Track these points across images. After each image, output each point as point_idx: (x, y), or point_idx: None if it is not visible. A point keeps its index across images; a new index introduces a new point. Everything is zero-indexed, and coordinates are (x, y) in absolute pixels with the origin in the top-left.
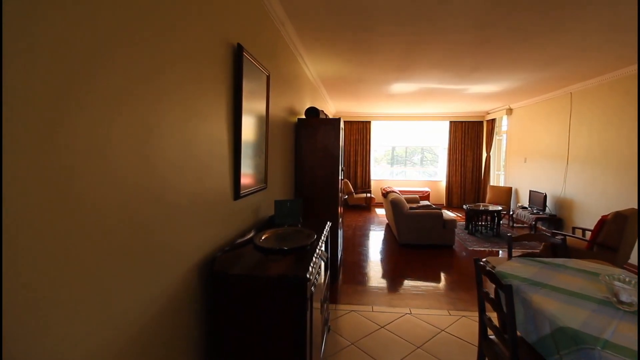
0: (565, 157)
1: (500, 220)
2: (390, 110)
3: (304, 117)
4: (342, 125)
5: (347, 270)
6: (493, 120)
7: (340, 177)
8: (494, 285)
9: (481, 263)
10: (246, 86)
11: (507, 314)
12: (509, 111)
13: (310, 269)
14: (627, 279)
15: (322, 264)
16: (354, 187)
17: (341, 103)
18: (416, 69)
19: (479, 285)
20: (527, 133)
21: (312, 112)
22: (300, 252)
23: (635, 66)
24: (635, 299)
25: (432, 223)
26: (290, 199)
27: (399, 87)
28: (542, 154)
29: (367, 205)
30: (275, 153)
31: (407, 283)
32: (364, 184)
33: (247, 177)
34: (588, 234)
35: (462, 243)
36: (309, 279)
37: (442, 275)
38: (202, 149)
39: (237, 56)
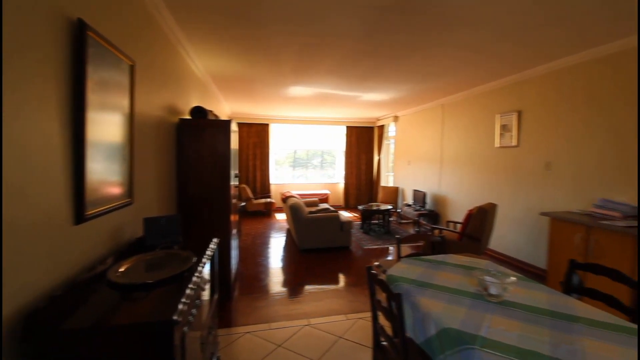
0: (439, 159)
1: (390, 217)
2: (290, 113)
3: (189, 117)
4: (234, 127)
5: (245, 284)
6: (382, 126)
7: (233, 184)
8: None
9: (373, 272)
10: (94, 75)
11: (396, 320)
12: (396, 118)
13: (180, 306)
14: (495, 273)
15: (207, 289)
16: (254, 192)
17: (237, 104)
18: (313, 73)
19: (371, 295)
20: (410, 139)
21: (199, 112)
22: (173, 282)
23: (489, 83)
24: (502, 292)
25: (330, 226)
26: (167, 214)
27: (297, 90)
28: (422, 157)
29: (268, 211)
30: (147, 159)
31: (307, 290)
32: (264, 189)
33: (99, 190)
34: (459, 226)
35: (358, 243)
36: (177, 322)
37: (341, 278)
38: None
39: (78, 35)
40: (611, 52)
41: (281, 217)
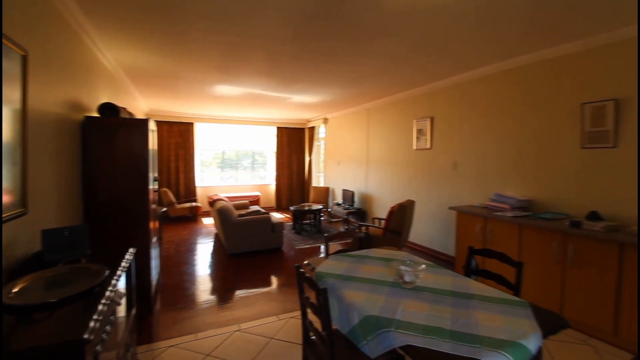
0: (366, 160)
1: (321, 217)
2: (218, 112)
3: (97, 115)
4: (152, 126)
5: (168, 295)
6: (313, 128)
7: (152, 188)
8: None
9: (301, 270)
10: None
11: (323, 315)
12: (325, 120)
13: (92, 324)
14: (409, 263)
15: (123, 303)
16: (177, 196)
17: (156, 101)
18: (240, 73)
19: (300, 292)
20: (339, 140)
21: (109, 109)
22: (82, 299)
23: (407, 91)
24: (415, 279)
25: (261, 228)
26: (72, 225)
27: (224, 89)
28: (350, 158)
29: (194, 216)
30: (44, 162)
31: (238, 295)
32: (189, 192)
33: None
34: (383, 222)
35: (290, 243)
36: (88, 341)
37: (272, 279)
38: None
39: None
40: (511, 67)
41: (209, 221)
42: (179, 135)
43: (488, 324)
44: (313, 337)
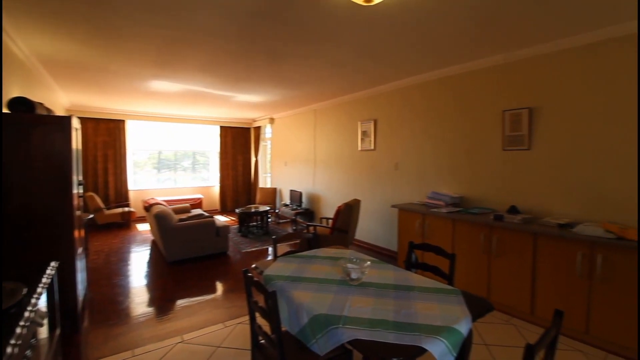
0: (313, 160)
1: (269, 218)
2: (154, 110)
3: (6, 111)
4: (76, 124)
5: (98, 310)
6: (259, 128)
7: (76, 192)
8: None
9: (249, 274)
10: None
11: (272, 317)
12: (272, 120)
13: (9, 350)
14: (355, 260)
15: (45, 324)
16: (106, 201)
17: (80, 95)
18: (179, 69)
19: (248, 297)
20: (286, 140)
21: (22, 104)
22: None
23: (352, 94)
24: (361, 275)
25: (205, 232)
26: None
27: (161, 85)
28: (298, 158)
29: (126, 222)
30: None
31: (180, 304)
32: (120, 197)
33: None
34: (330, 222)
35: (236, 247)
36: None
37: (218, 285)
38: None
39: None
40: (445, 75)
41: (144, 227)
42: (107, 134)
43: (426, 312)
44: (262, 341)
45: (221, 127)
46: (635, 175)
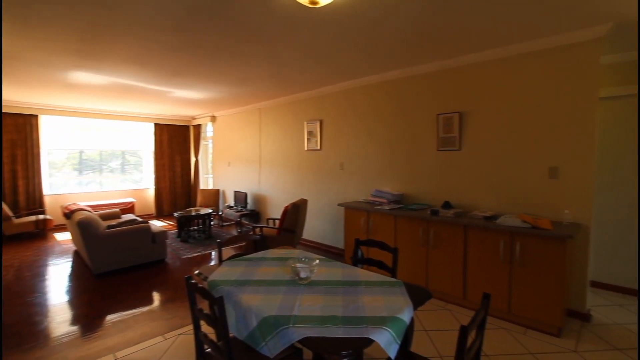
0: (258, 160)
1: (211, 221)
2: (75, 104)
3: None
4: None
5: (9, 335)
6: (199, 126)
7: None
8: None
9: (192, 281)
10: None
11: (219, 324)
12: (213, 118)
13: None
14: (304, 259)
15: None
16: (14, 208)
17: None
18: (106, 60)
19: (192, 305)
20: (229, 140)
21: None
22: None
23: (298, 94)
24: (310, 274)
25: (138, 240)
26: None
27: (84, 76)
28: (242, 158)
29: (41, 231)
30: None
31: (111, 320)
32: (34, 202)
33: None
34: (277, 222)
35: (176, 253)
36: None
37: (155, 296)
38: None
39: None
40: (386, 79)
41: (64, 237)
42: (15, 131)
43: (373, 305)
44: (208, 350)
45: (156, 124)
46: (543, 175)
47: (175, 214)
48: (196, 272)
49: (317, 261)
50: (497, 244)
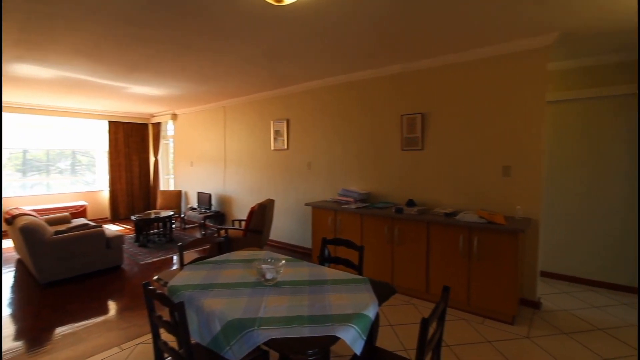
0: (223, 160)
1: (173, 224)
2: (16, 99)
3: None
4: None
5: None
6: (159, 124)
7: None
8: None
9: (150, 287)
10: None
11: (180, 331)
12: (174, 116)
13: None
14: (270, 260)
15: None
16: None
17: None
18: (53, 51)
19: (150, 312)
20: (192, 138)
21: None
22: None
23: (264, 92)
24: (276, 275)
25: (91, 245)
26: None
27: (27, 69)
28: (206, 158)
29: None
30: None
31: (61, 332)
32: None
33: None
34: (244, 224)
35: (133, 258)
36: None
37: (111, 305)
38: None
39: None
40: (353, 80)
41: (5, 244)
42: None
43: (339, 303)
44: (169, 358)
45: (110, 122)
46: (498, 174)
47: (133, 217)
48: (155, 277)
49: (284, 262)
50: (457, 239)
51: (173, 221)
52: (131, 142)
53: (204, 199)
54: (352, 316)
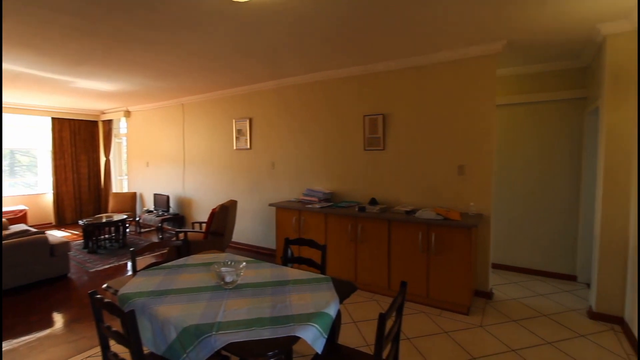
0: (182, 160)
1: (127, 228)
2: None
3: None
4: None
5: None
6: (110, 121)
7: None
8: None
9: (97, 296)
10: None
11: (132, 341)
12: (127, 113)
13: None
14: (230, 263)
15: None
16: None
17: None
18: None
19: (98, 322)
20: (148, 137)
21: None
22: None
23: (226, 90)
24: (236, 278)
25: (32, 254)
26: None
27: None
28: (163, 157)
29: None
30: None
31: None
32: None
33: None
34: (204, 226)
35: (82, 266)
36: None
37: (56, 317)
38: None
39: None
40: (318, 79)
41: None
42: None
43: (300, 302)
44: None
45: (54, 119)
46: (453, 172)
47: (81, 222)
48: (104, 286)
49: (244, 263)
50: (416, 235)
51: (127, 225)
52: (78, 141)
53: (162, 201)
54: (313, 315)
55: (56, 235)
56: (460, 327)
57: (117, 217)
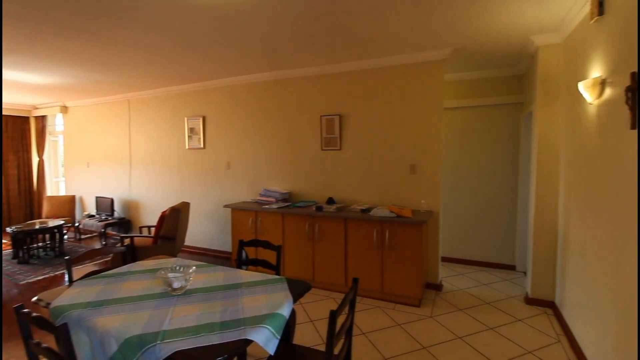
0: (128, 160)
1: (64, 235)
2: None
3: None
4: None
5: None
6: (44, 117)
7: None
8: None
9: (24, 311)
10: None
11: (64, 357)
12: (64, 109)
13: None
14: (179, 268)
15: None
16: None
17: None
18: None
19: (25, 339)
20: (89, 135)
21: None
22: None
23: (177, 87)
24: (185, 283)
25: None
26: None
27: None
28: (106, 157)
29: None
30: None
31: None
32: None
33: None
34: (153, 230)
35: (10, 278)
36: None
37: None
38: None
39: None
40: (272, 78)
41: None
42: None
43: (252, 305)
44: None
45: None
46: (406, 171)
47: (9, 230)
48: (35, 299)
49: (194, 268)
50: (371, 233)
51: (65, 232)
52: (5, 139)
53: (105, 204)
54: (266, 317)
55: None
56: (412, 318)
57: (52, 222)
